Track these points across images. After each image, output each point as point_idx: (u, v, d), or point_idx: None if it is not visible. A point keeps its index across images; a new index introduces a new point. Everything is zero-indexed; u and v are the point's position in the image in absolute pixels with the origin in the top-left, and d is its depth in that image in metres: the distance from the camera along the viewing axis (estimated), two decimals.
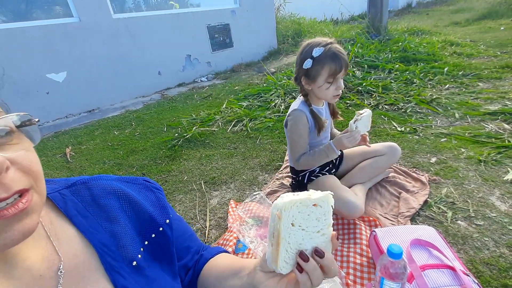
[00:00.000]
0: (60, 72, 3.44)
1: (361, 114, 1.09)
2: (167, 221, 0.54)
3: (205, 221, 1.44)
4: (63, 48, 3.38)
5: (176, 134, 2.49)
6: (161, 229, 0.53)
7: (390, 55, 3.62)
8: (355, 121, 1.10)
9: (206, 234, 1.34)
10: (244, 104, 2.96)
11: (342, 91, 1.19)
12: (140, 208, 0.52)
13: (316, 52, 1.09)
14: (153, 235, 0.52)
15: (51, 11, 3.60)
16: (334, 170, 1.44)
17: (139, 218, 0.51)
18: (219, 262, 0.61)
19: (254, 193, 1.39)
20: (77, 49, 3.48)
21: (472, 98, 2.38)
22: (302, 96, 1.27)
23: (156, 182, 0.61)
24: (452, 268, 0.85)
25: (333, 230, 1.26)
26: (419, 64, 3.33)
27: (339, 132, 1.45)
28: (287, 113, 1.28)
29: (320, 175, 1.33)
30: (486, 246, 1.03)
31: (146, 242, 0.50)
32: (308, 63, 1.12)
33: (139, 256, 0.48)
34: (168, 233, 0.54)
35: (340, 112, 1.39)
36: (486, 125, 1.90)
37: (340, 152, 1.20)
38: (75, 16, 3.46)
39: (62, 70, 3.45)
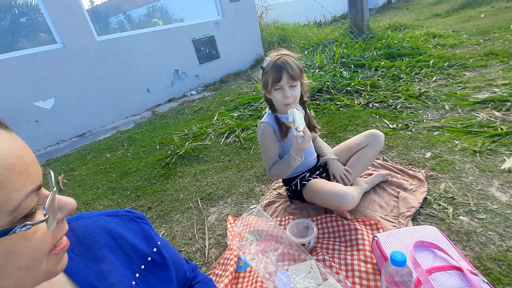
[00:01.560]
0: (48, 99, 3.40)
1: (293, 122, 1.09)
2: (155, 249, 0.55)
3: (204, 240, 1.40)
4: (49, 75, 3.35)
5: (169, 152, 2.46)
6: (149, 258, 0.53)
7: (375, 52, 3.65)
8: (295, 128, 1.09)
9: (206, 254, 1.30)
10: (235, 114, 2.95)
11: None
12: (125, 242, 0.52)
13: (264, 63, 1.21)
14: (143, 266, 0.52)
15: (36, 38, 3.60)
16: (324, 174, 1.42)
17: (125, 253, 0.51)
18: None
19: (251, 207, 1.36)
20: (63, 75, 3.46)
21: (460, 88, 2.39)
22: (268, 106, 1.33)
23: (150, 202, 0.62)
24: (459, 269, 0.83)
25: (335, 237, 1.23)
26: (404, 59, 3.36)
27: (325, 145, 1.48)
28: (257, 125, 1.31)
29: (311, 178, 1.32)
30: (491, 241, 1.01)
31: (138, 274, 0.51)
32: (261, 73, 1.25)
33: None
34: (159, 260, 0.55)
35: (319, 127, 1.39)
36: (477, 115, 1.90)
37: (302, 158, 1.20)
38: (59, 42, 3.45)
39: (50, 97, 3.41)
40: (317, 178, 1.34)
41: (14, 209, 0.30)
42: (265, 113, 1.40)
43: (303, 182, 1.33)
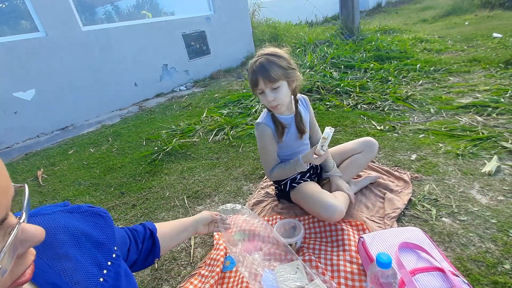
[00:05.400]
0: (28, 90, 3.25)
1: (326, 139, 1.09)
2: (115, 248, 0.54)
3: (189, 239, 1.37)
4: (30, 64, 3.21)
5: (156, 148, 2.41)
6: (114, 255, 0.52)
7: (364, 54, 3.71)
8: (322, 146, 1.09)
9: (192, 253, 1.28)
10: (224, 111, 2.92)
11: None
12: (89, 238, 0.50)
13: (248, 65, 1.17)
14: (109, 263, 0.50)
15: (17, 26, 3.42)
16: (315, 176, 1.42)
17: (91, 249, 0.49)
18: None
19: (230, 204, 1.31)
20: (45, 65, 3.31)
21: (444, 92, 2.46)
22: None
23: (135, 199, 0.63)
24: (441, 270, 0.85)
25: (321, 237, 1.22)
26: (392, 62, 3.42)
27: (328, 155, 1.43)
28: (255, 124, 1.28)
29: (302, 181, 1.31)
30: (471, 242, 1.04)
31: (105, 271, 0.49)
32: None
33: None
34: (119, 254, 0.54)
35: (306, 131, 1.32)
36: (460, 119, 1.96)
37: (308, 166, 1.22)
38: (41, 31, 3.30)
39: (30, 87, 3.26)
40: (307, 181, 1.33)
41: None
42: (257, 111, 1.37)
43: (293, 184, 1.32)
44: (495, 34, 4.07)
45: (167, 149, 2.31)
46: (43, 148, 2.99)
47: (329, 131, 1.08)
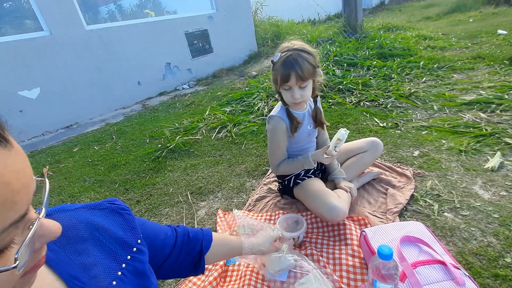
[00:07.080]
0: (33, 88, 3.29)
1: (340, 140, 1.09)
2: (139, 241, 0.55)
3: None
4: (35, 63, 3.24)
5: (160, 145, 2.43)
6: (135, 249, 0.54)
7: (367, 52, 3.69)
8: (335, 146, 1.09)
9: None
10: (227, 109, 2.93)
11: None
12: (109, 234, 0.52)
13: (275, 57, 1.12)
14: (129, 257, 0.52)
15: (21, 25, 3.45)
16: (319, 172, 1.42)
17: (109, 245, 0.51)
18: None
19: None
20: (49, 64, 3.34)
21: (448, 89, 2.45)
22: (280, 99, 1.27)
23: (139, 195, 0.63)
24: (443, 263, 0.85)
25: (323, 232, 1.22)
26: (395, 59, 3.41)
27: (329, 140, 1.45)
28: (268, 117, 1.27)
29: (306, 178, 1.32)
30: (473, 237, 1.04)
31: (124, 265, 0.51)
32: (272, 66, 1.16)
33: (114, 282, 0.48)
34: (144, 249, 0.56)
35: (327, 124, 1.33)
36: (464, 115, 1.96)
37: (315, 164, 1.22)
38: (46, 30, 3.33)
39: (35, 86, 3.30)
40: (311, 177, 1.33)
41: None
42: (272, 105, 1.37)
43: (297, 181, 1.33)
44: (500, 31, 4.03)
45: (171, 147, 2.33)
46: (48, 146, 3.02)
47: (344, 132, 1.07)
